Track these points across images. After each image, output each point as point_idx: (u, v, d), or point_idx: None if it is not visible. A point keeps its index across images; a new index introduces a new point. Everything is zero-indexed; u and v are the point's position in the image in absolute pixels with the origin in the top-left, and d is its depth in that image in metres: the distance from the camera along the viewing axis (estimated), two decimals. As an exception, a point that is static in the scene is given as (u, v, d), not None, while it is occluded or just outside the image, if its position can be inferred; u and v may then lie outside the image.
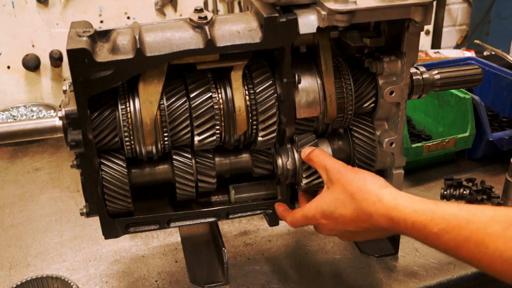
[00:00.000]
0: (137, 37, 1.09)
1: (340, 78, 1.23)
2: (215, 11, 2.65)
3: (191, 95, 1.15)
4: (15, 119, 2.29)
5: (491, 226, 0.88)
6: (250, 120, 1.20)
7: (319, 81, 1.20)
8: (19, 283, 1.27)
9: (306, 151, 1.20)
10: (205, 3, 2.63)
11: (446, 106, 1.91)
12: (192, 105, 1.15)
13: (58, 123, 1.12)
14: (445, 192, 1.69)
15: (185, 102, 1.16)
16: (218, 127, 1.18)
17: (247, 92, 1.18)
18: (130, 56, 1.07)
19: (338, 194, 1.09)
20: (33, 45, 2.45)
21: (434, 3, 1.12)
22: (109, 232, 1.22)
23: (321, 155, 1.17)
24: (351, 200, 1.06)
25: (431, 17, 1.13)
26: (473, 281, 1.40)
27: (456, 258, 0.95)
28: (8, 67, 2.46)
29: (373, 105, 1.27)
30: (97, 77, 1.06)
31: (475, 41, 2.34)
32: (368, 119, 1.29)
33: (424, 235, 0.96)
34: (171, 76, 1.16)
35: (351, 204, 1.06)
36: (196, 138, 1.18)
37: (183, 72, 1.18)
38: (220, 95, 1.17)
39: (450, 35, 3.40)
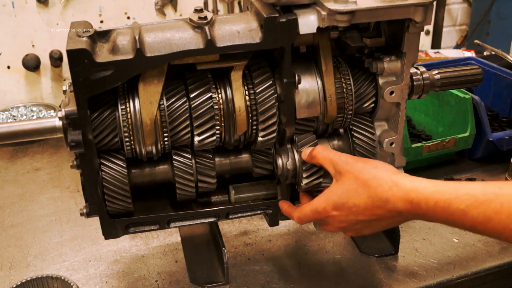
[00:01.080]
0: (137, 37, 1.09)
1: (340, 78, 1.23)
2: (215, 11, 2.65)
3: (191, 95, 1.15)
4: (15, 119, 2.29)
5: None
6: (250, 120, 1.20)
7: (319, 81, 1.20)
8: (19, 283, 1.26)
9: (307, 151, 1.20)
10: (205, 3, 2.63)
11: (446, 106, 1.91)
12: (192, 105, 1.15)
13: (58, 123, 1.12)
14: (445, 192, 1.69)
15: (185, 102, 1.16)
16: (218, 127, 1.18)
17: (247, 92, 1.18)
18: (130, 56, 1.07)
19: (349, 185, 1.08)
20: (33, 45, 2.45)
21: (434, 3, 1.12)
22: (109, 232, 1.22)
23: (324, 151, 1.16)
24: (364, 188, 1.05)
25: (431, 17, 1.13)
26: (473, 281, 1.40)
27: (482, 234, 0.95)
28: (8, 67, 2.46)
29: (373, 105, 1.27)
30: (97, 77, 1.06)
31: (475, 41, 2.34)
32: (368, 119, 1.29)
33: (449, 213, 0.95)
34: (171, 76, 1.16)
35: (364, 192, 1.05)
36: (196, 138, 1.18)
37: (183, 72, 1.18)
38: (220, 95, 1.17)
39: (450, 35, 3.40)
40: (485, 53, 2.75)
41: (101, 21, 2.51)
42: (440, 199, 0.95)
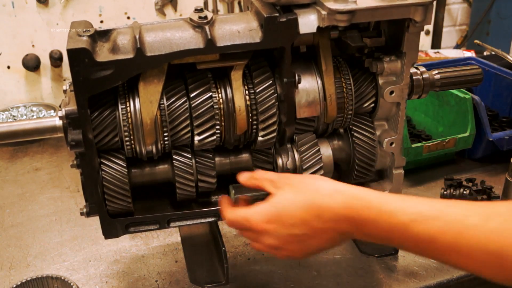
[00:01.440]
0: (137, 36, 1.09)
1: (340, 78, 1.23)
2: (215, 11, 2.65)
3: (191, 95, 1.15)
4: (15, 119, 2.29)
5: (468, 218, 0.84)
6: (250, 120, 1.20)
7: (319, 81, 1.20)
8: (19, 283, 1.26)
9: (245, 174, 1.13)
10: (205, 3, 2.63)
11: (446, 106, 1.91)
12: (192, 105, 1.15)
13: (58, 122, 1.12)
14: (445, 192, 1.69)
15: (185, 102, 1.16)
16: (218, 127, 1.18)
17: (247, 92, 1.18)
18: (130, 55, 1.07)
19: (286, 194, 1.00)
20: (33, 45, 2.45)
21: (434, 3, 1.12)
22: (109, 232, 1.22)
23: (263, 173, 1.11)
24: (301, 196, 0.97)
25: (431, 17, 1.14)
26: (473, 281, 1.40)
27: (422, 254, 0.89)
28: (8, 67, 2.46)
29: (373, 105, 1.27)
30: (97, 76, 1.06)
31: (475, 41, 2.34)
32: (368, 119, 1.29)
33: (391, 226, 0.89)
34: (171, 76, 1.16)
35: (301, 201, 0.97)
36: (196, 138, 1.18)
37: (183, 71, 1.18)
38: (220, 95, 1.17)
39: (450, 35, 3.40)
40: (485, 53, 2.75)
41: (101, 21, 2.51)
42: (385, 209, 0.89)
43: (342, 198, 0.94)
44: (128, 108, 1.14)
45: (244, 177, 1.13)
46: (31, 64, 2.43)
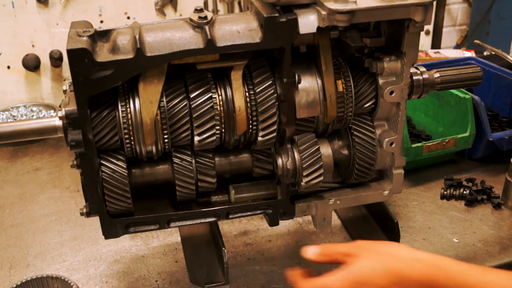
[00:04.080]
0: (137, 37, 1.09)
1: (340, 78, 1.23)
2: (215, 11, 2.65)
3: (191, 95, 1.15)
4: (15, 119, 2.29)
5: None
6: (250, 120, 1.20)
7: (319, 81, 1.20)
8: (19, 283, 1.27)
9: (311, 250, 1.08)
10: (205, 3, 2.63)
11: (446, 106, 1.91)
12: (192, 105, 1.15)
13: (58, 123, 1.12)
14: (445, 192, 1.69)
15: (185, 102, 1.16)
16: (218, 127, 1.18)
17: (247, 92, 1.18)
18: (130, 56, 1.07)
19: (364, 261, 0.99)
20: (33, 45, 2.45)
21: (434, 3, 1.12)
22: (109, 232, 1.22)
23: (333, 245, 1.11)
24: (380, 264, 0.98)
25: (431, 17, 1.14)
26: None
27: None
28: (8, 67, 2.46)
29: (373, 104, 1.27)
30: (97, 77, 1.06)
31: (475, 41, 2.34)
32: (368, 119, 1.29)
33: None
34: (171, 76, 1.16)
35: (380, 268, 0.97)
36: (196, 138, 1.18)
37: (183, 72, 1.18)
38: (220, 95, 1.17)
39: (450, 35, 3.40)
40: (485, 53, 2.75)
41: (101, 21, 2.51)
42: (465, 283, 0.92)
43: (421, 267, 0.95)
44: (128, 108, 1.14)
45: (312, 254, 1.09)
46: (31, 64, 2.43)
